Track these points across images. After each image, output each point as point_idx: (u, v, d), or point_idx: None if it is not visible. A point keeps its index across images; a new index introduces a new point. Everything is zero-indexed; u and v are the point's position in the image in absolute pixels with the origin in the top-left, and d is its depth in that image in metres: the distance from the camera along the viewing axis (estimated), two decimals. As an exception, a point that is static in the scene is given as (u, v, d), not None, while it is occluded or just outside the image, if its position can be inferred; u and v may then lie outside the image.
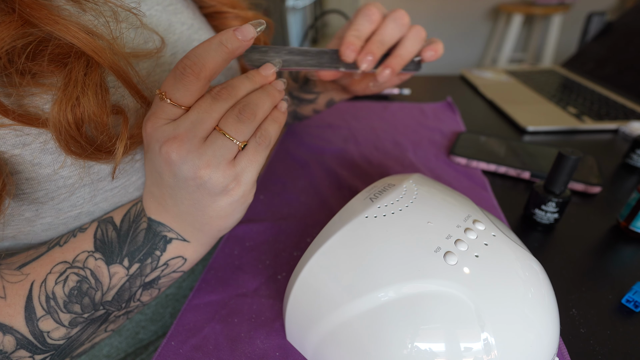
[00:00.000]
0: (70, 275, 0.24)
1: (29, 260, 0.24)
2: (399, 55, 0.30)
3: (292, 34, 2.58)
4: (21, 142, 0.21)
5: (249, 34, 0.22)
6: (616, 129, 0.59)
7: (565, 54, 2.35)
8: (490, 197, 0.42)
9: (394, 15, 0.30)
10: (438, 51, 0.32)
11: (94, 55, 0.21)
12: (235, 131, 0.22)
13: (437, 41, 0.32)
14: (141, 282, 0.26)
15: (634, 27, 0.77)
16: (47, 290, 0.23)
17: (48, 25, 0.20)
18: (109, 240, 0.25)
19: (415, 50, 0.31)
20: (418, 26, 0.31)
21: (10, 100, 0.21)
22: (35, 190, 0.23)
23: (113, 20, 0.24)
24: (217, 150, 0.21)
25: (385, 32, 0.29)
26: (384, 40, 0.29)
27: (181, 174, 0.22)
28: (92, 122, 0.22)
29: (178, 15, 0.32)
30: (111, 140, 0.23)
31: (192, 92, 0.21)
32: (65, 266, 0.24)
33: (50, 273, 0.24)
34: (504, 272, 0.20)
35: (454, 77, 0.89)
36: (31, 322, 0.23)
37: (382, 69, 0.30)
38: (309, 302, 0.23)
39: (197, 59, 0.21)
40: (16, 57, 0.20)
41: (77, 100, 0.21)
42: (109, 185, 0.26)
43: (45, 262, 0.24)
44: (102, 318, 0.25)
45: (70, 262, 0.24)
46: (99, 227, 0.25)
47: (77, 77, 0.21)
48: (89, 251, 0.24)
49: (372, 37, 0.30)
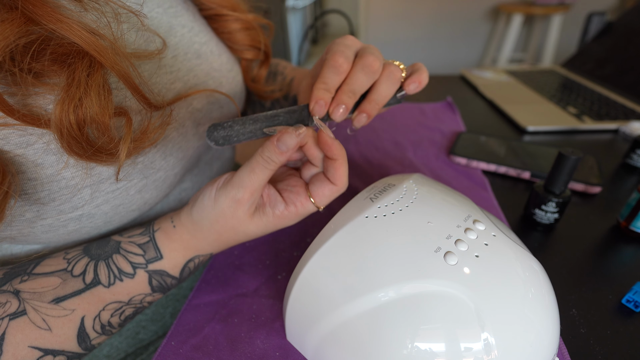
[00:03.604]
0: (126, 309, 0.27)
1: (65, 295, 0.24)
2: (373, 100, 0.28)
3: (292, 34, 2.58)
4: (25, 142, 0.21)
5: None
6: (616, 129, 0.59)
7: (565, 54, 2.35)
8: (490, 197, 0.42)
9: (362, 63, 0.27)
10: (422, 82, 0.29)
11: (97, 55, 0.21)
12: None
13: (421, 69, 0.30)
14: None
15: (634, 27, 0.77)
16: (103, 321, 0.25)
17: (51, 23, 0.20)
18: (169, 285, 0.28)
19: (390, 93, 0.29)
20: (391, 66, 0.28)
21: (14, 100, 0.20)
22: (38, 191, 0.23)
23: (115, 20, 0.24)
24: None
25: (353, 82, 0.27)
26: (354, 90, 0.27)
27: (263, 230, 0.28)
28: (94, 123, 0.21)
29: (178, 18, 0.32)
30: (112, 142, 0.23)
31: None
32: (120, 305, 0.26)
33: (104, 310, 0.25)
34: (504, 272, 0.20)
35: (454, 77, 0.89)
36: (84, 343, 0.25)
37: (358, 115, 0.28)
38: (309, 302, 0.23)
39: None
40: (19, 55, 0.19)
41: (80, 101, 0.21)
42: (110, 187, 0.26)
43: (92, 301, 0.25)
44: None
45: (126, 302, 0.26)
46: (152, 278, 0.27)
47: (80, 78, 0.21)
48: (145, 294, 0.27)
49: (342, 87, 0.27)
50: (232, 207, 0.26)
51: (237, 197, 0.25)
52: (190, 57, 0.32)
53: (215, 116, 0.35)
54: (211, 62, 0.35)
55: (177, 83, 0.30)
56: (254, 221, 0.27)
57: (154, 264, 0.27)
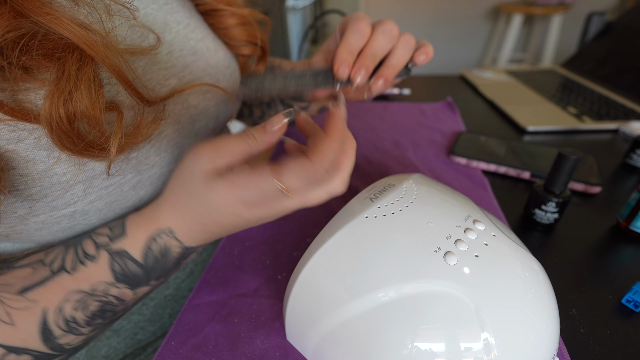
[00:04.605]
0: (91, 302, 0.24)
1: (31, 285, 0.23)
2: (391, 65, 0.30)
3: (292, 34, 2.58)
4: (15, 138, 0.21)
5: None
6: (616, 129, 0.59)
7: (565, 54, 2.35)
8: (490, 197, 0.42)
9: (383, 28, 0.29)
10: (429, 54, 0.32)
11: (87, 48, 0.21)
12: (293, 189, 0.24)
13: (427, 44, 0.32)
14: (159, 283, 0.27)
15: (634, 27, 0.77)
16: (66, 315, 0.24)
17: (40, 17, 0.19)
18: (133, 274, 0.25)
19: (407, 58, 0.31)
20: (407, 34, 0.31)
21: (4, 95, 0.20)
22: (29, 187, 0.23)
23: (106, 14, 0.24)
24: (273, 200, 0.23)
25: (376, 45, 0.29)
26: (375, 54, 0.29)
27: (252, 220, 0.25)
28: (85, 117, 0.21)
29: (174, 15, 0.32)
30: (103, 136, 0.22)
31: None
32: (82, 295, 0.24)
33: (67, 301, 0.24)
34: (504, 272, 0.20)
35: (454, 77, 0.89)
36: (50, 341, 0.23)
37: (376, 80, 0.30)
38: (309, 302, 0.23)
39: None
40: (9, 50, 0.19)
41: (70, 95, 0.20)
42: (103, 183, 0.25)
43: (54, 290, 0.23)
44: (118, 316, 0.27)
45: (88, 291, 0.24)
46: (114, 260, 0.25)
47: (70, 71, 0.21)
48: (108, 282, 0.25)
49: (363, 51, 0.29)
50: (191, 161, 0.24)
51: (198, 149, 0.23)
52: (185, 53, 0.32)
53: (212, 113, 0.35)
54: (207, 58, 0.35)
55: (172, 79, 0.30)
56: (215, 188, 0.23)
57: (115, 242, 0.25)
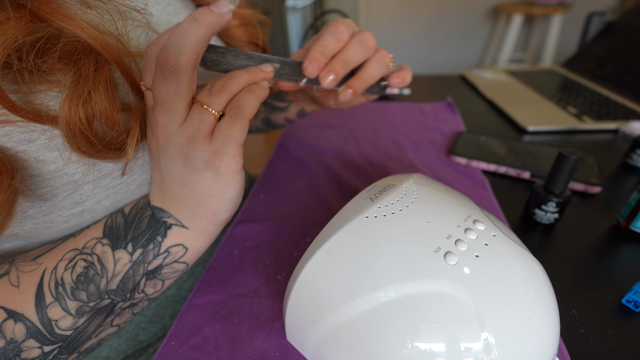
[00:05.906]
0: (78, 261, 0.25)
1: (45, 252, 0.25)
2: (362, 78, 0.30)
3: (292, 34, 2.58)
4: (27, 139, 0.21)
5: (224, 7, 0.22)
6: (616, 129, 0.59)
7: (565, 54, 2.35)
8: (490, 197, 0.42)
9: (360, 37, 0.29)
10: (405, 79, 0.32)
11: (103, 51, 0.21)
12: (209, 101, 0.23)
13: (406, 69, 0.32)
14: (144, 270, 0.26)
15: (634, 27, 0.77)
16: (57, 276, 0.24)
17: (58, 20, 0.20)
18: (117, 226, 0.26)
19: (378, 75, 0.31)
20: (383, 51, 0.31)
21: (17, 97, 0.21)
22: (40, 187, 0.23)
23: (119, 17, 0.24)
24: (194, 124, 0.23)
25: (349, 52, 0.29)
26: (347, 60, 0.29)
27: (169, 154, 0.24)
28: (103, 117, 0.22)
29: (177, 16, 0.32)
30: (120, 137, 0.23)
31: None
32: (75, 253, 0.25)
33: (62, 260, 0.24)
34: (504, 272, 0.20)
35: (454, 77, 0.89)
36: (40, 309, 0.23)
37: (344, 89, 0.30)
38: (309, 302, 0.23)
39: (173, 49, 0.21)
40: (24, 54, 0.20)
41: (89, 96, 0.21)
42: (111, 183, 0.26)
43: (58, 252, 0.25)
44: (107, 309, 0.26)
45: (80, 249, 0.25)
46: (110, 217, 0.27)
47: (88, 73, 0.21)
48: (97, 238, 0.26)
49: (336, 56, 0.29)
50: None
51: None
52: None
53: None
54: None
55: None
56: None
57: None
